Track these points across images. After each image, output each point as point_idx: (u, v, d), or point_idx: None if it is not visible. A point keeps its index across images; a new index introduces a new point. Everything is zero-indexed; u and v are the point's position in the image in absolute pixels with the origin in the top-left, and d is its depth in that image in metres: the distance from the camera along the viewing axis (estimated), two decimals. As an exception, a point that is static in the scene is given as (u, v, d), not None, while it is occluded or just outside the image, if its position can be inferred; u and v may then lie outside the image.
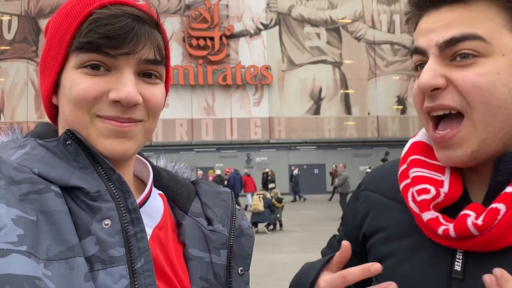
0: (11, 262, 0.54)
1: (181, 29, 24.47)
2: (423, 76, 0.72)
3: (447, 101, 0.71)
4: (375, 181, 0.96)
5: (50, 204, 0.61)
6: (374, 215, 0.90)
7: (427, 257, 0.77)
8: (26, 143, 0.69)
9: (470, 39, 0.69)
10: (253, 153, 24.86)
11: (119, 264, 0.63)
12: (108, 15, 0.67)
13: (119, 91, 0.67)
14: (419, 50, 0.76)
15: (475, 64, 0.70)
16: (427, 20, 0.75)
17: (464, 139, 0.71)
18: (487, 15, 0.70)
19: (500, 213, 0.68)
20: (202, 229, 0.80)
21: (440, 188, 0.75)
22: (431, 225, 0.74)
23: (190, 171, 0.92)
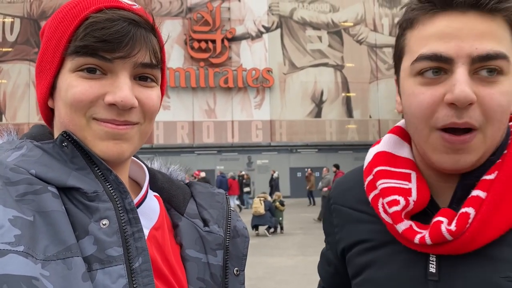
0: (8, 262, 0.54)
1: (183, 31, 24.51)
2: (464, 89, 0.67)
3: (472, 120, 0.70)
4: (341, 195, 0.97)
5: (47, 205, 0.62)
6: (348, 229, 0.92)
7: (403, 263, 0.79)
8: (23, 144, 0.69)
9: (501, 58, 0.68)
10: (254, 155, 24.85)
11: (117, 264, 0.63)
12: (104, 19, 0.67)
13: (115, 95, 0.68)
14: (441, 57, 0.70)
15: (498, 82, 0.69)
16: (451, 24, 0.70)
17: (475, 147, 0.72)
18: (506, 34, 0.70)
19: (470, 217, 0.71)
20: (198, 230, 0.81)
21: (408, 197, 0.77)
22: (407, 235, 0.76)
23: (184, 173, 0.93)
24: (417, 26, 0.74)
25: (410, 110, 0.76)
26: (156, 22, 0.74)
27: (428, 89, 0.72)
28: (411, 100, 0.75)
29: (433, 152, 0.75)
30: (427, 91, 0.72)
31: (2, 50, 23.26)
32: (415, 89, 0.74)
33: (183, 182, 0.90)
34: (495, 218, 0.70)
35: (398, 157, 0.85)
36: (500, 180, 0.72)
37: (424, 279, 0.76)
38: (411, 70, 0.75)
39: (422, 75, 0.73)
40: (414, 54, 0.74)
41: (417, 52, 0.73)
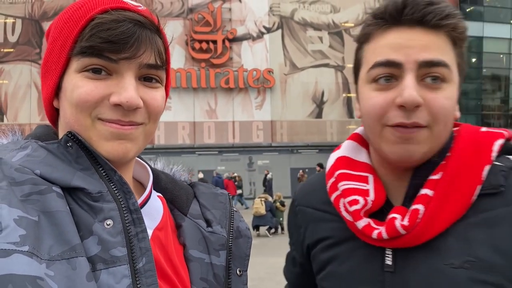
0: (13, 262, 0.54)
1: (184, 32, 24.52)
2: (411, 92, 0.78)
3: (420, 120, 0.80)
4: (306, 197, 1.05)
5: (52, 205, 0.62)
6: (312, 228, 1.00)
7: (362, 257, 0.88)
8: (27, 145, 0.69)
9: (442, 65, 0.80)
10: (255, 156, 24.84)
11: (121, 264, 0.63)
12: (110, 20, 0.68)
13: (120, 95, 0.68)
14: (393, 63, 0.80)
15: (442, 88, 0.80)
16: (402, 36, 0.81)
17: (422, 140, 0.81)
18: (448, 47, 0.82)
19: (420, 213, 0.81)
20: (201, 230, 0.81)
21: (367, 197, 0.87)
22: (365, 231, 0.85)
23: (187, 174, 0.93)
24: (372, 40, 0.86)
25: (366, 111, 0.86)
26: (161, 23, 0.75)
27: (381, 94, 0.82)
28: (366, 103, 0.85)
29: (386, 144, 0.84)
30: (380, 95, 0.82)
31: (3, 50, 23.29)
32: (370, 94, 0.84)
33: (186, 183, 0.90)
34: (441, 213, 0.80)
35: (356, 161, 0.95)
36: (445, 180, 0.82)
37: (381, 271, 0.85)
38: (367, 78, 0.85)
39: (376, 82, 0.83)
40: (370, 63, 0.84)
41: (372, 61, 0.84)
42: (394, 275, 0.83)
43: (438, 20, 0.79)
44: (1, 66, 23.19)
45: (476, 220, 0.80)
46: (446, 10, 0.81)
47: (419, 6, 0.80)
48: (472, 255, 0.77)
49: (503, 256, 0.76)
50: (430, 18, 0.79)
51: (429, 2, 0.80)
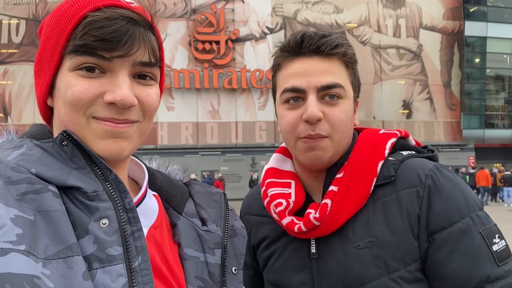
0: (10, 261, 0.54)
1: (187, 33, 24.55)
2: (313, 110, 0.97)
3: (322, 132, 0.99)
4: (248, 206, 1.25)
5: (48, 204, 0.62)
6: (255, 231, 1.18)
7: (293, 250, 1.06)
8: (22, 143, 0.69)
9: (337, 87, 1.00)
10: (258, 156, 24.83)
11: (117, 263, 0.63)
12: (103, 18, 0.67)
13: (114, 93, 0.68)
14: (297, 89, 1.00)
15: (338, 104, 1.00)
16: (302, 66, 1.01)
17: (326, 148, 1.00)
18: (341, 70, 1.02)
19: (328, 206, 0.98)
20: (196, 229, 0.81)
21: (289, 199, 1.05)
22: (289, 227, 1.02)
23: (182, 173, 0.93)
24: (282, 69, 1.05)
25: (283, 127, 1.05)
26: (155, 21, 0.74)
27: (291, 112, 1.02)
28: (282, 120, 1.04)
29: (299, 153, 1.03)
30: (291, 113, 1.02)
31: (7, 51, 23.38)
32: (284, 112, 1.03)
33: (181, 182, 0.90)
34: (345, 204, 0.97)
35: (282, 171, 1.14)
36: (346, 177, 1.00)
37: (308, 259, 1.03)
38: (281, 100, 1.04)
39: (288, 103, 1.03)
40: (281, 88, 1.04)
41: (282, 87, 1.03)
42: (319, 260, 1.01)
43: (330, 50, 0.99)
44: (5, 67, 23.28)
45: (373, 207, 0.98)
46: (336, 41, 1.00)
47: (314, 40, 1.00)
48: (372, 235, 0.95)
49: (394, 233, 0.94)
50: (323, 48, 0.99)
51: (322, 35, 1.00)
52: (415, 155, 1.04)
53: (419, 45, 26.69)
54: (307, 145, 1.00)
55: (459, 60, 27.30)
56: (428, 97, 26.80)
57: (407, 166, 1.00)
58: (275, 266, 1.09)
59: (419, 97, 26.65)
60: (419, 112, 26.65)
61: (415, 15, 26.76)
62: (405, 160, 1.01)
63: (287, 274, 1.05)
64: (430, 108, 26.85)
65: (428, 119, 26.66)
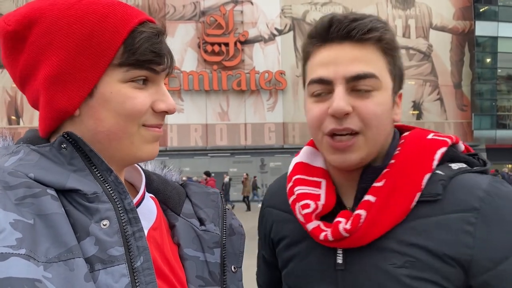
0: (11, 265, 0.54)
1: (196, 35, 24.66)
2: (340, 103, 0.86)
3: (351, 125, 0.87)
4: (272, 198, 1.13)
5: (47, 207, 0.62)
6: (276, 227, 1.08)
7: (317, 257, 0.96)
8: (19, 149, 0.69)
9: (369, 77, 0.87)
10: (267, 158, 24.82)
11: (119, 263, 0.64)
12: (153, 34, 0.72)
13: (165, 102, 0.75)
14: (324, 80, 0.89)
15: (371, 96, 0.87)
16: (330, 53, 0.89)
17: (358, 148, 0.88)
18: (376, 57, 0.89)
19: (362, 218, 0.87)
20: (195, 229, 0.82)
21: (318, 202, 0.94)
22: (314, 233, 0.92)
23: (178, 174, 0.94)
24: (310, 58, 0.94)
25: (308, 122, 0.95)
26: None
27: (318, 105, 0.90)
28: (308, 114, 0.94)
29: (326, 153, 0.93)
30: (317, 107, 0.90)
31: (19, 55, 23.64)
32: (310, 106, 0.92)
33: (177, 183, 0.90)
34: (382, 218, 0.87)
35: (313, 166, 1.02)
36: (387, 188, 0.88)
37: (333, 269, 0.93)
38: (308, 92, 0.94)
39: (314, 96, 0.92)
40: (308, 79, 0.93)
41: (309, 78, 0.92)
42: (345, 272, 0.91)
43: (361, 35, 0.87)
44: (17, 70, 23.55)
45: (414, 225, 0.87)
46: (369, 24, 0.88)
47: (343, 24, 0.88)
48: (411, 255, 0.85)
49: (438, 259, 0.84)
50: (354, 33, 0.87)
51: (353, 19, 0.88)
52: (466, 169, 0.90)
53: (429, 45, 26.50)
54: (333, 145, 0.89)
55: (470, 60, 27.05)
56: (438, 97, 26.59)
57: (457, 184, 0.87)
58: (296, 272, 1.00)
59: (429, 98, 26.46)
60: (429, 113, 26.45)
61: (425, 15, 26.59)
62: (455, 176, 0.88)
63: (309, 283, 0.96)
64: (440, 109, 26.65)
65: (438, 120, 26.45)
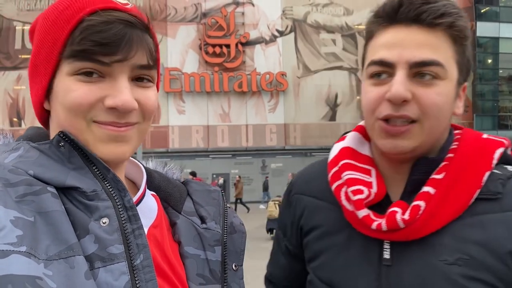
0: (11, 262, 0.54)
1: (198, 37, 24.69)
2: (398, 88, 0.82)
3: (409, 113, 0.83)
4: (304, 185, 1.07)
5: (47, 205, 0.62)
6: (307, 215, 1.01)
7: (358, 249, 0.90)
8: (19, 146, 0.69)
9: (435, 64, 0.82)
10: (269, 159, 24.82)
11: (118, 261, 0.63)
12: (100, 22, 0.66)
13: (116, 98, 0.67)
14: (386, 62, 0.84)
15: (434, 85, 0.83)
16: (396, 35, 0.84)
17: (412, 135, 0.84)
18: (445, 45, 0.84)
19: (421, 209, 0.83)
20: (196, 227, 0.81)
21: (370, 189, 0.90)
22: (365, 221, 0.87)
23: (179, 172, 0.93)
24: (373, 37, 0.90)
25: (363, 104, 0.90)
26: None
27: (375, 89, 0.86)
28: (364, 97, 0.90)
29: (377, 138, 0.89)
30: (374, 90, 0.86)
31: (21, 57, 23.74)
32: (367, 88, 0.88)
33: (178, 181, 0.90)
34: (440, 211, 0.84)
35: (360, 153, 0.97)
36: (447, 181, 0.85)
37: (378, 264, 0.88)
38: (366, 74, 0.89)
39: (373, 78, 0.87)
40: (368, 60, 0.89)
41: (370, 58, 0.88)
42: (391, 268, 0.86)
43: (432, 19, 0.82)
44: (19, 72, 23.63)
45: (471, 221, 0.83)
46: (442, 8, 0.82)
47: (414, 5, 0.82)
48: (465, 253, 0.81)
49: (495, 257, 0.80)
50: (424, 16, 0.82)
51: (425, 1, 0.83)
52: None
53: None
54: (385, 129, 0.85)
55: (471, 61, 26.99)
56: (440, 98, 26.57)
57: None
58: (333, 264, 0.93)
59: (430, 99, 26.44)
60: (431, 113, 26.42)
61: (426, 16, 26.58)
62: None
63: (348, 277, 0.91)
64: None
65: (440, 121, 26.42)
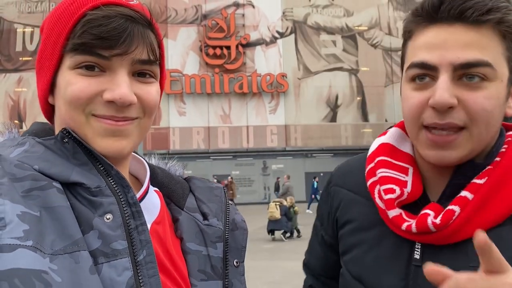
0: (18, 256, 0.55)
1: (198, 38, 24.69)
2: (443, 94, 0.75)
3: (455, 121, 0.77)
4: (342, 177, 1.04)
5: (53, 200, 0.63)
6: (343, 208, 0.99)
7: (389, 247, 0.87)
8: (25, 141, 0.70)
9: (482, 65, 0.75)
10: (269, 160, 24.81)
11: (122, 257, 0.64)
12: (101, 16, 0.67)
13: (113, 92, 0.68)
14: (427, 65, 0.78)
15: (482, 88, 0.76)
16: (438, 36, 0.78)
17: (460, 145, 0.78)
18: (493, 42, 0.76)
19: (455, 214, 0.78)
20: (198, 223, 0.82)
21: (404, 188, 0.85)
22: (395, 222, 0.84)
23: (182, 169, 0.94)
24: (413, 37, 0.83)
25: (404, 111, 0.84)
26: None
27: (417, 94, 0.80)
28: (405, 103, 0.83)
29: (421, 148, 0.83)
30: (416, 95, 0.80)
31: (22, 59, 23.77)
32: (408, 93, 0.82)
33: (181, 177, 0.91)
34: (476, 218, 0.77)
35: (400, 151, 0.92)
36: (489, 186, 0.78)
37: (408, 264, 0.83)
38: (406, 76, 0.83)
39: (414, 81, 0.81)
40: (408, 61, 0.82)
41: (410, 60, 0.81)
42: (420, 268, 0.80)
43: (478, 16, 0.74)
44: (20, 74, 23.66)
45: (510, 229, 0.77)
46: (489, 3, 0.75)
47: (456, 2, 0.76)
48: None
49: None
50: (469, 14, 0.75)
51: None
52: None
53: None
54: (431, 139, 0.79)
55: (472, 62, 26.98)
56: (440, 99, 26.53)
57: None
58: (364, 261, 0.91)
59: (431, 99, 26.40)
60: (432, 114, 26.37)
61: (426, 17, 26.56)
62: None
63: (376, 274, 0.88)
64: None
65: (441, 122, 26.38)
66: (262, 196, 23.09)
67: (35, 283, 0.55)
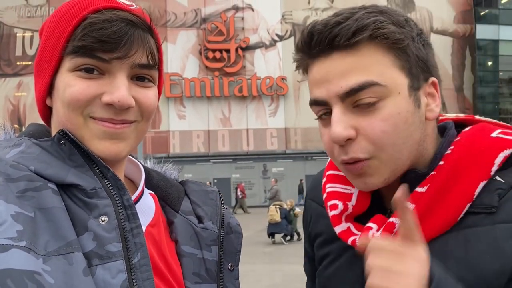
0: (11, 257, 0.55)
1: (198, 42, 24.75)
2: (336, 129, 0.73)
3: (359, 155, 0.74)
4: (313, 190, 1.02)
5: (48, 201, 0.62)
6: (314, 221, 0.99)
7: (348, 259, 0.86)
8: (21, 142, 0.70)
9: (367, 87, 0.72)
10: (270, 163, 24.81)
11: (116, 259, 0.64)
12: (102, 20, 0.68)
13: (112, 94, 0.68)
14: (319, 102, 0.76)
15: (377, 109, 0.72)
16: (319, 70, 0.76)
17: (374, 172, 0.75)
18: (375, 59, 0.73)
19: (396, 226, 0.75)
20: (193, 226, 0.82)
21: (348, 202, 0.83)
22: (342, 236, 0.83)
23: (177, 172, 0.94)
24: (308, 73, 0.81)
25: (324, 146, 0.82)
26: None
27: (325, 131, 0.78)
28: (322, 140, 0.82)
29: (349, 179, 0.81)
30: (325, 132, 0.78)
31: (22, 63, 23.82)
32: (320, 130, 0.81)
33: (176, 181, 0.91)
34: (420, 227, 0.71)
35: None
36: (428, 195, 0.75)
37: (361, 275, 0.78)
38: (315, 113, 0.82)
39: (320, 118, 0.80)
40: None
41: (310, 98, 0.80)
42: None
43: (347, 41, 0.72)
44: (20, 79, 23.70)
45: (456, 235, 0.73)
46: (354, 24, 0.72)
47: (324, 33, 0.74)
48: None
49: (472, 271, 0.71)
50: (338, 41, 0.73)
51: (335, 23, 0.74)
52: None
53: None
54: (349, 172, 0.78)
55: (471, 64, 27.04)
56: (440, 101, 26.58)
57: None
58: (327, 272, 0.92)
59: (431, 102, 26.44)
60: (432, 116, 26.41)
61: (426, 19, 26.62)
62: None
63: (336, 285, 0.89)
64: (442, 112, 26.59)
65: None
66: (262, 199, 23.07)
67: (28, 284, 0.55)
